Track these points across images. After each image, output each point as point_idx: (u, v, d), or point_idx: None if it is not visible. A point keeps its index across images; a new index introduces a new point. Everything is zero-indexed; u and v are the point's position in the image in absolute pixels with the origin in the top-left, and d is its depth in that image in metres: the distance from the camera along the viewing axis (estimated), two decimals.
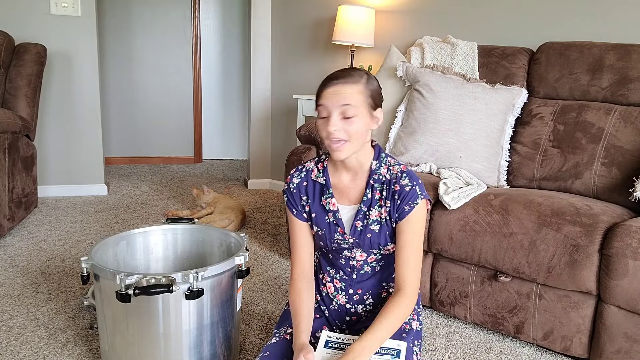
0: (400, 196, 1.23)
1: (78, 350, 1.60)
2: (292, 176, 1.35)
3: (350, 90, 1.18)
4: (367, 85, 1.20)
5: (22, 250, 2.40)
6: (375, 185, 1.26)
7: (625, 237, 1.45)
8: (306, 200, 1.33)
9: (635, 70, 2.00)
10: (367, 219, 1.27)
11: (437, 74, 2.24)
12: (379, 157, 1.28)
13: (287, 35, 3.60)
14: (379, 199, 1.26)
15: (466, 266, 1.79)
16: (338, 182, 1.31)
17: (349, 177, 1.30)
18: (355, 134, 1.19)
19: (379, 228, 1.26)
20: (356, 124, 1.18)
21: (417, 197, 1.22)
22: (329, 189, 1.30)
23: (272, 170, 3.89)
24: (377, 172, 1.27)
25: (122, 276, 1.23)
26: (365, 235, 1.27)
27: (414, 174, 1.26)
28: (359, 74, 1.21)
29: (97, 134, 3.39)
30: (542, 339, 1.66)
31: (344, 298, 1.36)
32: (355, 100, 1.18)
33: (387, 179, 1.26)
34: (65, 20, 3.20)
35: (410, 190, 1.22)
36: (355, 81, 1.19)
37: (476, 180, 2.00)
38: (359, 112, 1.18)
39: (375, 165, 1.27)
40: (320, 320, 1.39)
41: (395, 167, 1.26)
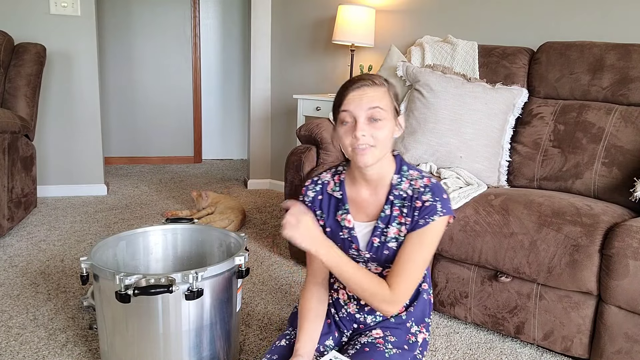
0: (420, 211, 1.16)
1: (77, 350, 1.60)
2: (307, 188, 1.30)
3: (378, 92, 1.13)
4: (390, 90, 1.17)
5: (21, 251, 2.40)
6: (395, 202, 1.20)
7: (625, 237, 1.45)
8: (320, 215, 1.28)
9: (636, 70, 2.00)
10: (384, 235, 1.21)
11: (438, 74, 2.24)
12: (400, 171, 1.21)
13: (287, 35, 3.60)
14: (397, 215, 1.20)
15: (466, 266, 1.79)
16: (356, 196, 1.25)
17: (368, 191, 1.23)
18: (382, 140, 1.13)
19: (396, 246, 1.21)
20: (384, 128, 1.13)
21: (436, 213, 1.15)
22: (345, 204, 1.25)
23: (272, 170, 3.88)
24: (397, 187, 1.20)
25: (122, 276, 1.23)
26: (382, 251, 1.23)
27: (439, 188, 1.18)
28: (380, 79, 1.17)
29: (96, 134, 3.39)
30: (542, 340, 1.66)
31: (355, 307, 1.34)
32: (384, 103, 1.13)
33: (408, 195, 1.18)
34: (64, 20, 3.20)
35: (430, 205, 1.15)
36: (381, 84, 1.15)
37: (476, 180, 1.99)
38: (387, 116, 1.13)
39: (396, 179, 1.20)
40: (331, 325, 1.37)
41: (418, 182, 1.19)
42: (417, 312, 1.32)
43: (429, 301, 1.36)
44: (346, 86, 1.16)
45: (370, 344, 1.24)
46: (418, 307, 1.32)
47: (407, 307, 1.33)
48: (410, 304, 1.32)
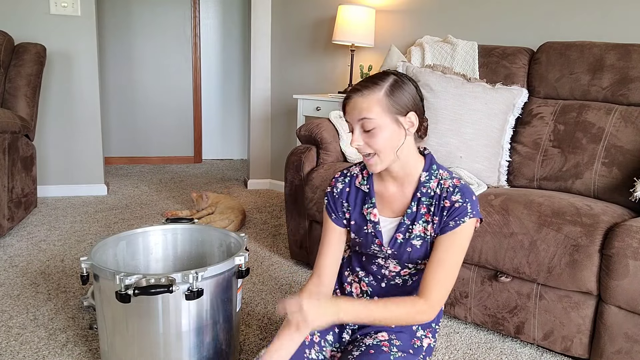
0: (449, 212, 1.15)
1: (78, 350, 1.60)
2: (336, 180, 1.30)
3: (366, 102, 1.12)
4: (391, 91, 1.12)
5: (21, 251, 2.40)
6: (422, 199, 1.19)
7: (625, 237, 1.45)
8: (347, 207, 1.28)
9: (636, 70, 2.00)
10: (409, 232, 1.21)
11: (438, 74, 2.24)
12: (429, 169, 1.20)
13: (287, 35, 3.60)
14: (424, 213, 1.19)
15: (466, 266, 1.79)
16: (383, 190, 1.25)
17: (395, 186, 1.23)
18: (380, 147, 1.13)
19: (420, 244, 1.20)
20: (378, 136, 1.12)
21: (466, 215, 1.14)
22: (372, 198, 1.25)
23: (272, 170, 3.89)
24: (426, 184, 1.19)
25: (122, 276, 1.23)
26: (405, 249, 1.22)
27: (469, 189, 1.17)
28: (382, 80, 1.14)
29: (97, 134, 3.39)
30: (542, 339, 1.66)
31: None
32: (374, 113, 1.11)
33: (436, 194, 1.18)
34: (65, 20, 3.20)
35: (460, 207, 1.14)
36: (373, 91, 1.12)
37: (476, 180, 1.99)
38: (379, 123, 1.12)
39: (425, 177, 1.20)
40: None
41: (447, 181, 1.18)
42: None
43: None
44: (345, 95, 1.18)
45: (376, 346, 1.23)
46: None
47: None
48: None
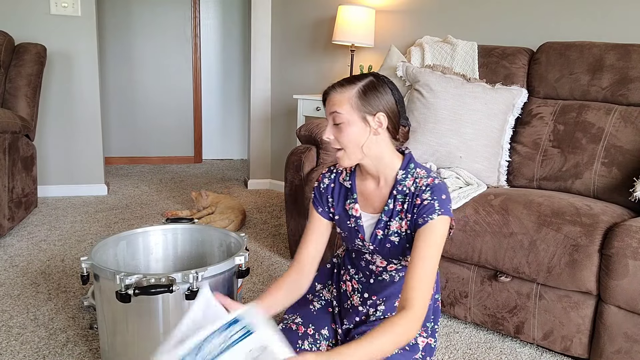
0: (418, 209, 1.18)
1: (78, 350, 1.60)
2: (323, 175, 1.35)
3: (339, 97, 1.17)
4: (364, 90, 1.16)
5: (22, 250, 2.40)
6: (398, 197, 1.22)
7: (625, 237, 1.45)
8: (332, 202, 1.33)
9: (636, 70, 2.00)
10: (387, 228, 1.24)
11: (437, 74, 2.24)
12: (406, 167, 1.23)
13: (287, 35, 3.60)
14: (400, 210, 1.22)
15: (466, 266, 1.79)
16: (364, 188, 1.29)
17: (374, 184, 1.27)
18: (346, 142, 1.18)
19: (398, 240, 1.23)
20: (345, 131, 1.17)
21: (433, 212, 1.15)
22: (354, 194, 1.29)
23: (272, 170, 3.89)
24: (402, 182, 1.22)
25: (122, 276, 1.23)
26: (384, 244, 1.25)
27: (441, 188, 1.18)
28: (358, 80, 1.18)
29: (97, 134, 3.39)
30: (542, 339, 1.66)
31: (359, 300, 1.35)
32: (343, 108, 1.16)
33: (411, 191, 1.20)
34: (65, 20, 3.20)
35: (428, 204, 1.16)
36: (348, 87, 1.17)
37: (476, 180, 2.00)
38: (347, 118, 1.16)
39: (401, 175, 1.22)
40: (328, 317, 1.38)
41: (422, 180, 1.20)
42: None
43: (432, 306, 1.35)
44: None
45: None
46: None
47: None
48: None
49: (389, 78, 1.22)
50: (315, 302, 1.42)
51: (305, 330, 1.32)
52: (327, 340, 1.35)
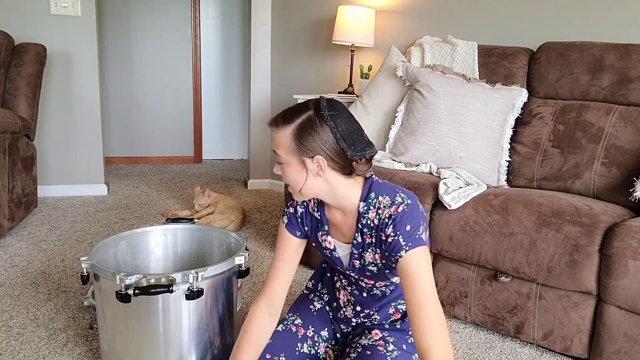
0: (387, 247, 1.10)
1: (78, 350, 1.60)
2: (297, 203, 1.30)
3: (277, 136, 1.10)
4: (299, 131, 1.06)
5: (22, 250, 2.40)
6: (364, 230, 1.15)
7: (625, 237, 1.45)
8: (306, 231, 1.28)
9: (636, 70, 2.00)
10: (362, 259, 1.19)
11: (437, 74, 2.24)
12: (366, 198, 1.13)
13: (287, 35, 3.60)
14: (370, 243, 1.16)
15: (466, 266, 1.79)
16: (332, 217, 1.22)
17: (339, 215, 1.20)
18: (289, 182, 1.13)
19: (377, 269, 1.19)
20: (285, 171, 1.11)
21: (400, 249, 1.06)
22: (325, 225, 1.23)
23: (272, 170, 3.89)
24: (365, 216, 1.13)
25: (122, 276, 1.23)
26: (365, 272, 1.22)
27: (405, 217, 1.08)
28: (297, 117, 1.07)
29: (97, 134, 3.39)
30: (542, 339, 1.66)
31: (351, 312, 1.36)
32: (281, 149, 1.09)
33: (375, 225, 1.12)
34: (65, 20, 3.20)
35: (393, 241, 1.07)
36: (284, 127, 1.08)
37: (476, 180, 2.00)
38: (286, 160, 1.10)
39: (362, 207, 1.13)
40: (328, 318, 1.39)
41: (385, 210, 1.10)
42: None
43: None
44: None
45: (371, 346, 1.24)
46: None
47: (403, 317, 1.33)
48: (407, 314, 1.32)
49: (335, 106, 1.09)
50: (315, 301, 1.42)
51: (305, 332, 1.33)
52: (326, 342, 1.35)
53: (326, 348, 1.35)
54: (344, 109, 1.11)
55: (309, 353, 1.30)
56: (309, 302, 1.43)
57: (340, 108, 1.10)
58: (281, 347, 1.26)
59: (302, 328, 1.33)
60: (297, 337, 1.31)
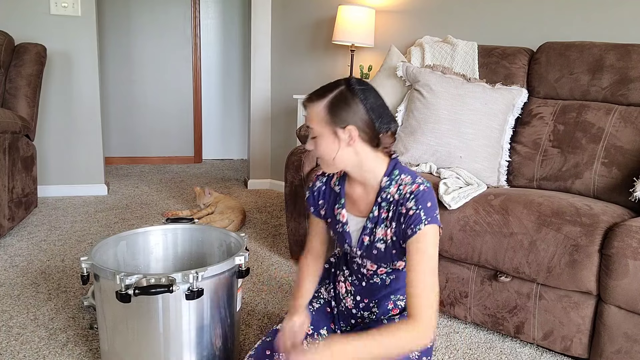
0: (405, 219, 1.16)
1: (78, 350, 1.60)
2: (317, 178, 1.38)
3: (310, 111, 1.19)
4: (332, 103, 1.16)
5: (22, 250, 2.40)
6: (382, 204, 1.22)
7: (625, 237, 1.45)
8: (322, 205, 1.35)
9: (636, 70, 2.00)
10: (373, 235, 1.24)
11: (437, 74, 2.24)
12: (390, 174, 1.21)
13: (287, 35, 3.60)
14: (385, 218, 1.21)
15: (466, 266, 1.79)
16: (352, 192, 1.29)
17: (360, 189, 1.27)
18: (319, 153, 1.20)
19: (384, 247, 1.23)
20: (317, 144, 1.19)
21: (420, 222, 1.14)
22: (342, 198, 1.30)
23: (272, 170, 3.89)
24: (386, 190, 1.21)
25: (122, 276, 1.23)
26: (371, 251, 1.26)
27: (427, 195, 1.16)
28: (330, 91, 1.17)
29: (97, 134, 3.39)
30: (542, 339, 1.66)
31: (352, 302, 1.37)
32: (315, 123, 1.18)
33: (395, 199, 1.19)
34: (65, 20, 3.20)
35: (414, 214, 1.15)
36: (317, 101, 1.17)
37: (476, 180, 2.00)
38: (319, 132, 1.18)
39: (385, 182, 1.21)
40: (327, 317, 1.40)
41: (406, 187, 1.18)
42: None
43: None
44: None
45: None
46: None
47: (401, 312, 1.34)
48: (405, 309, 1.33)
49: (364, 82, 1.20)
50: (314, 302, 1.43)
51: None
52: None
53: None
54: (371, 86, 1.20)
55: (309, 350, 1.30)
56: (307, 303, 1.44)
57: (368, 85, 1.19)
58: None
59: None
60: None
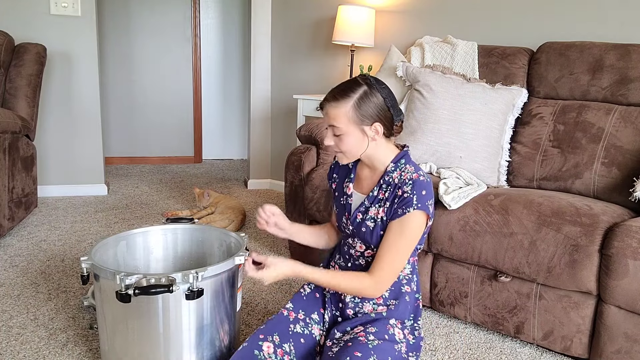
0: (399, 200, 1.27)
1: (78, 350, 1.60)
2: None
3: (336, 112, 1.26)
4: (359, 103, 1.25)
5: (22, 250, 2.40)
6: (383, 186, 1.32)
7: (625, 237, 1.45)
8: (335, 179, 1.48)
9: (635, 70, 2.00)
10: (366, 213, 1.34)
11: (437, 74, 2.24)
12: (397, 162, 1.33)
13: (287, 35, 3.60)
14: (382, 199, 1.31)
15: (466, 266, 1.79)
16: (361, 172, 1.42)
17: (368, 171, 1.39)
18: (346, 149, 1.30)
19: (373, 226, 1.32)
20: (345, 141, 1.29)
21: (411, 205, 1.24)
22: (352, 174, 1.43)
23: (272, 170, 3.89)
24: (390, 174, 1.32)
25: (122, 276, 1.23)
26: (360, 228, 1.35)
27: (424, 185, 1.26)
28: (353, 92, 1.26)
29: (97, 134, 3.39)
30: (542, 339, 1.66)
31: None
32: (341, 122, 1.26)
33: (394, 183, 1.30)
34: (65, 20, 3.20)
35: (407, 197, 1.25)
36: (343, 102, 1.26)
37: (476, 180, 2.00)
38: (346, 131, 1.27)
39: (391, 167, 1.33)
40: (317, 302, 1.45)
41: (408, 174, 1.29)
42: (398, 312, 1.36)
43: (412, 304, 1.40)
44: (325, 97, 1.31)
45: (353, 339, 1.29)
46: (399, 307, 1.37)
47: (387, 305, 1.37)
48: (390, 302, 1.37)
49: (378, 80, 1.30)
50: (305, 286, 1.50)
51: (296, 315, 1.40)
52: (318, 324, 1.42)
53: (320, 330, 1.42)
54: (384, 83, 1.31)
55: (302, 333, 1.37)
56: (299, 288, 1.52)
57: (383, 82, 1.31)
58: (274, 329, 1.34)
59: (292, 312, 1.41)
60: (289, 320, 1.38)
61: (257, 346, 1.28)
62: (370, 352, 1.22)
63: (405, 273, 1.38)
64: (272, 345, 1.29)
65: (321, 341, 1.41)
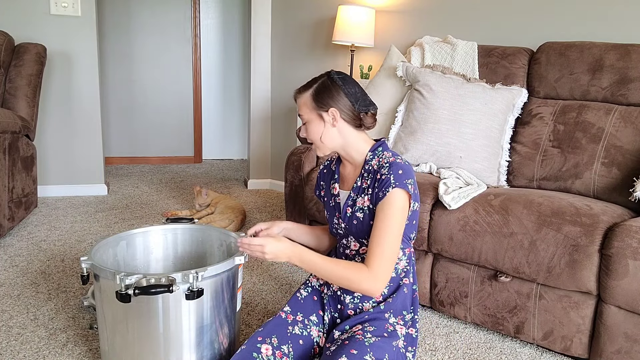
0: (378, 183, 1.31)
1: (78, 350, 1.60)
2: (322, 164, 1.58)
3: (300, 101, 1.40)
4: (316, 91, 1.36)
5: (22, 250, 2.40)
6: (365, 175, 1.37)
7: (625, 237, 1.45)
8: (323, 186, 1.52)
9: (635, 70, 2.00)
10: (355, 205, 1.37)
11: (437, 74, 2.24)
12: (375, 150, 1.38)
13: (287, 35, 3.60)
14: (365, 188, 1.36)
15: (466, 266, 1.79)
16: (344, 171, 1.47)
17: (350, 167, 1.44)
18: (311, 137, 1.39)
19: (362, 216, 1.35)
20: (309, 129, 1.39)
21: (389, 185, 1.28)
22: (336, 175, 1.47)
23: (272, 170, 3.89)
24: (369, 162, 1.37)
25: (122, 276, 1.23)
26: (352, 221, 1.38)
27: (401, 165, 1.30)
28: (314, 82, 1.38)
29: (97, 134, 3.39)
30: (542, 339, 1.66)
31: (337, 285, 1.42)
32: (304, 110, 1.38)
33: (374, 169, 1.35)
34: (65, 20, 3.20)
35: (385, 178, 1.29)
36: (305, 92, 1.38)
37: (476, 180, 2.00)
38: (308, 118, 1.38)
39: (369, 156, 1.38)
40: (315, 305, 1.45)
41: (385, 159, 1.33)
42: (396, 305, 1.36)
43: (410, 296, 1.40)
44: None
45: (350, 337, 1.29)
46: (397, 300, 1.37)
47: (385, 299, 1.37)
48: (389, 296, 1.38)
49: (342, 73, 1.39)
50: (302, 289, 1.50)
51: (294, 317, 1.41)
52: (317, 326, 1.42)
53: (319, 332, 1.42)
54: (350, 76, 1.40)
55: (300, 334, 1.38)
56: (296, 291, 1.51)
57: (347, 75, 1.39)
58: (273, 331, 1.34)
59: (290, 315, 1.42)
60: (287, 322, 1.39)
61: (256, 348, 1.29)
62: (367, 349, 1.22)
63: (403, 266, 1.38)
64: (271, 347, 1.30)
65: (320, 343, 1.41)
